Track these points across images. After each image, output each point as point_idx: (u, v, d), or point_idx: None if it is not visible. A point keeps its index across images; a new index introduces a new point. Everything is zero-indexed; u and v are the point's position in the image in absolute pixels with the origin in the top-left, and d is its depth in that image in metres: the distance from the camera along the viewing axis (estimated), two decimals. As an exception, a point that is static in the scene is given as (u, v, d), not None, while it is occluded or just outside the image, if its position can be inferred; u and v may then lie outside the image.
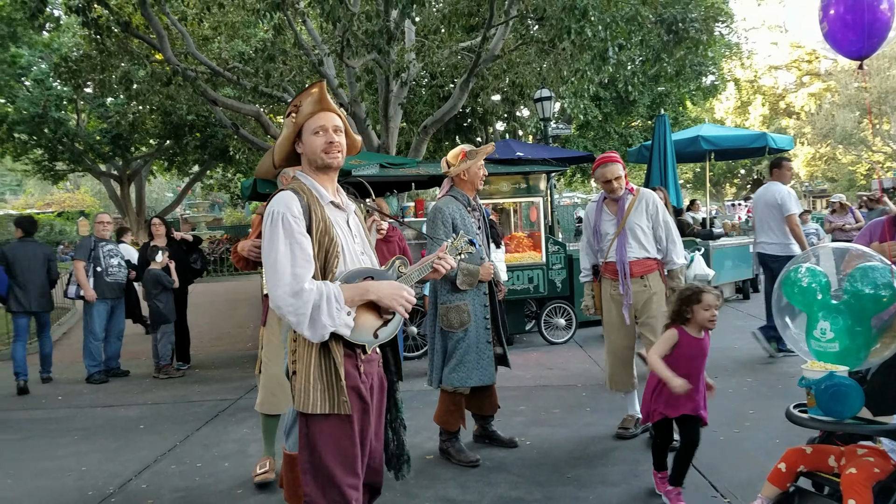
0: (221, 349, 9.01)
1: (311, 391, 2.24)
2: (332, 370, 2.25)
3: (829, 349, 2.75)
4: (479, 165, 4.24)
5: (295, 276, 2.19)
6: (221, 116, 13.21)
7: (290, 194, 2.29)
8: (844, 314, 2.72)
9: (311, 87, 2.36)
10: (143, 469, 4.45)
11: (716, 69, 19.13)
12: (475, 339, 4.16)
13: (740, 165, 37.87)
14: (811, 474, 2.80)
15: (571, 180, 25.27)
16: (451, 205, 4.19)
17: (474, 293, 4.18)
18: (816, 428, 2.81)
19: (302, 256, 2.22)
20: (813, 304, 2.83)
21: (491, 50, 10.24)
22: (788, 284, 2.94)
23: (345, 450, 2.27)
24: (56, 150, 21.29)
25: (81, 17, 9.63)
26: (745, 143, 11.82)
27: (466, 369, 4.13)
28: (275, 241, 2.22)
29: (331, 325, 2.19)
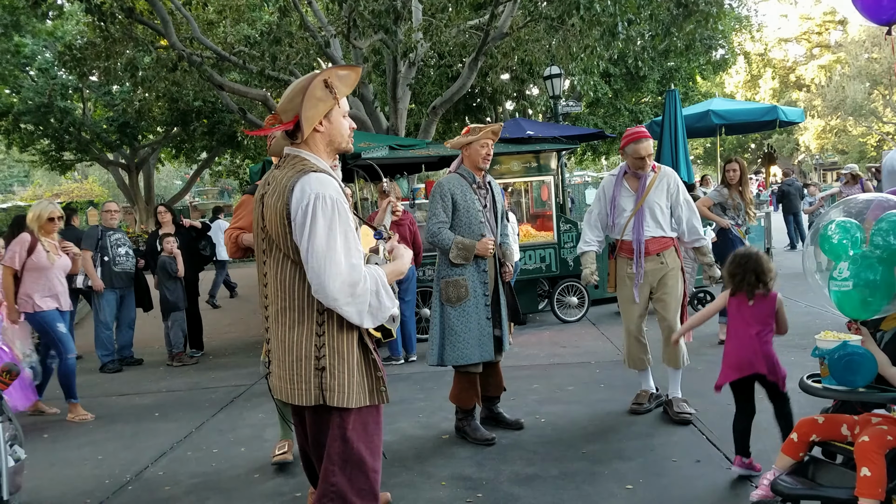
0: (235, 335, 9.03)
1: (354, 385, 2.18)
2: (370, 361, 2.23)
3: (842, 287, 2.73)
4: (481, 143, 4.14)
5: (353, 267, 2.07)
6: (228, 101, 13.16)
7: (328, 178, 2.14)
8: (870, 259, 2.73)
9: (348, 69, 2.26)
10: (160, 456, 4.46)
11: (726, 43, 18.89)
12: (475, 316, 4.12)
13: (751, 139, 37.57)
14: (824, 443, 2.81)
15: (582, 158, 25.11)
16: (454, 181, 4.17)
17: (473, 269, 4.14)
18: (830, 397, 2.81)
19: (355, 245, 2.12)
20: (843, 256, 2.81)
21: (499, 28, 10.12)
22: (823, 240, 2.90)
23: (373, 438, 2.26)
24: (63, 140, 21.30)
25: (85, 3, 9.60)
26: (756, 116, 11.70)
27: (469, 346, 4.11)
28: (332, 230, 2.05)
29: (391, 306, 2.17)
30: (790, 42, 43.54)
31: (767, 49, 41.29)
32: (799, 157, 44.26)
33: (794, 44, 43.61)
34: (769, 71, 41.56)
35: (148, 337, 8.65)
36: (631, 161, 4.45)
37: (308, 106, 2.15)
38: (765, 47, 40.66)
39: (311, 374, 2.14)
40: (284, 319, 2.17)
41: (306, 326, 2.14)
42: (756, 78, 41.54)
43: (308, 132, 2.19)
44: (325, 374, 2.14)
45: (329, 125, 2.23)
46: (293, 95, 2.18)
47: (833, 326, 3.19)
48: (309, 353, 2.14)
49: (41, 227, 5.53)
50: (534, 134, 8.62)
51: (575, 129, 12.29)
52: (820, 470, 2.82)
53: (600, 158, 26.81)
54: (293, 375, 2.16)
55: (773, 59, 42.01)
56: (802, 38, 42.87)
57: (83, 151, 22.42)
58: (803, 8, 44.12)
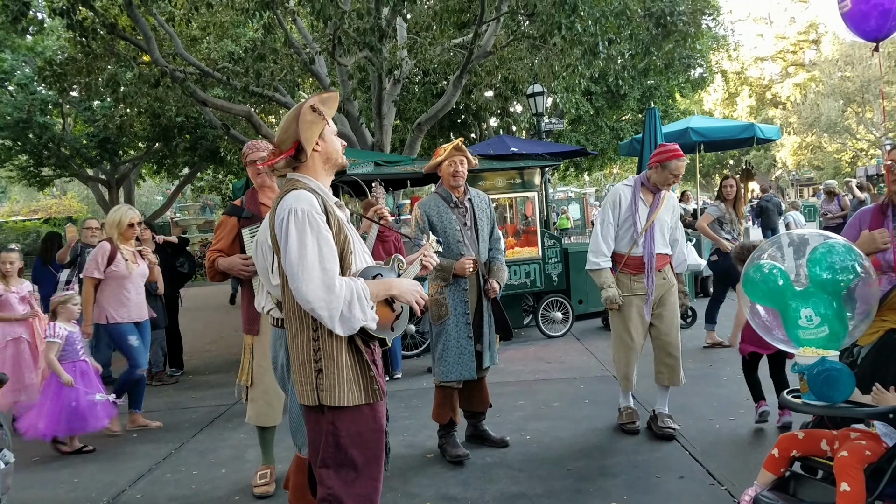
0: (215, 353, 8.94)
1: (346, 384, 2.30)
2: (363, 362, 2.35)
3: (819, 335, 2.76)
4: (448, 163, 4.17)
5: (325, 272, 2.21)
6: (211, 117, 13.11)
7: (307, 193, 2.30)
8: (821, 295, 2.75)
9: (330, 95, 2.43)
10: (138, 478, 4.39)
11: (704, 62, 19.20)
12: (455, 334, 4.16)
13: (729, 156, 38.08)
14: (805, 459, 2.85)
15: (565, 174, 25.31)
16: (431, 202, 4.24)
17: (453, 287, 4.17)
18: (809, 413, 2.86)
19: (330, 253, 2.25)
20: (780, 296, 2.83)
21: (483, 46, 10.21)
22: (749, 283, 2.94)
23: (369, 442, 2.34)
24: (41, 156, 21.06)
25: (66, 19, 9.50)
26: (734, 133, 11.85)
27: (447, 364, 4.16)
28: (303, 239, 2.22)
29: (362, 319, 2.25)
30: (766, 61, 44.37)
31: (744, 67, 42.05)
32: (776, 172, 44.92)
33: (770, 62, 44.43)
34: (746, 89, 42.28)
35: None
36: (664, 177, 4.35)
37: (304, 128, 2.34)
38: (742, 66, 41.40)
39: (311, 375, 2.32)
40: (290, 327, 2.38)
41: (305, 333, 2.33)
42: (733, 96, 42.23)
43: (310, 150, 2.38)
44: (321, 376, 2.31)
45: (324, 144, 2.42)
46: (287, 125, 2.36)
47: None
48: (309, 358, 2.32)
49: (121, 233, 5.42)
50: (517, 151, 8.68)
51: (558, 146, 12.38)
52: (801, 485, 2.85)
53: (582, 174, 27.04)
54: (299, 378, 2.35)
55: (749, 78, 42.76)
56: (778, 56, 43.71)
57: (62, 167, 22.18)
58: (778, 27, 45.02)
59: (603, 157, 20.52)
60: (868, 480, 2.51)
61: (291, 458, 3.54)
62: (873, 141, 34.06)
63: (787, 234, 3.15)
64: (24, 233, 33.35)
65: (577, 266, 8.49)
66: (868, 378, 2.79)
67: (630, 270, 4.44)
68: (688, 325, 7.80)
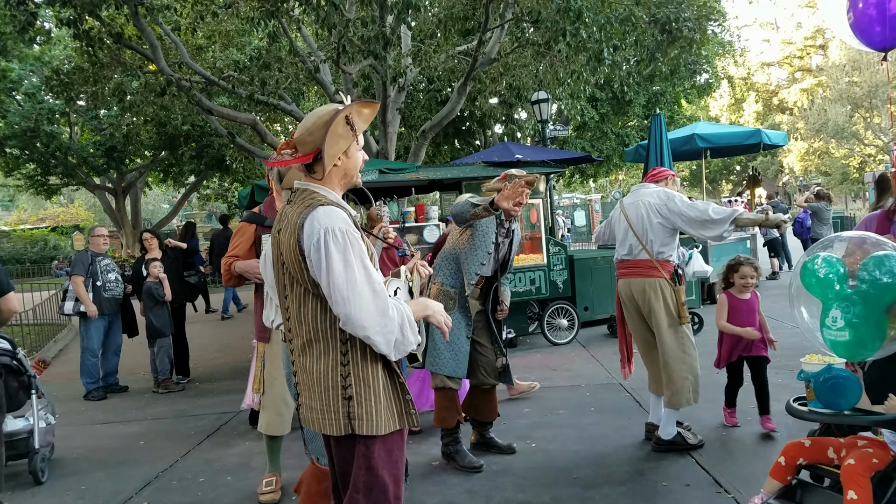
0: (222, 361, 8.94)
1: (383, 411, 2.17)
2: (398, 385, 2.23)
3: (839, 338, 2.69)
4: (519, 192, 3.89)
5: (377, 295, 2.08)
6: (217, 126, 13.17)
7: (338, 210, 2.15)
8: (858, 303, 2.66)
9: (368, 105, 2.28)
10: (145, 485, 4.39)
11: (709, 67, 19.18)
12: (455, 330, 4.13)
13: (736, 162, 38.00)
14: (811, 467, 2.83)
15: (570, 181, 25.28)
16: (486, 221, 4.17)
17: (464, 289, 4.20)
18: (816, 420, 2.84)
19: (375, 273, 2.13)
20: (828, 293, 2.76)
21: (487, 53, 10.23)
22: (806, 274, 2.86)
23: (397, 464, 2.25)
24: (49, 165, 21.22)
25: (73, 29, 9.58)
26: (740, 139, 11.85)
27: (442, 357, 4.13)
28: (348, 260, 2.06)
29: (415, 342, 2.16)
30: (773, 66, 44.29)
31: (750, 73, 42.00)
32: (783, 178, 44.78)
33: (777, 68, 44.36)
34: (752, 94, 42.21)
35: (133, 363, 8.54)
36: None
37: (331, 143, 2.17)
38: (748, 71, 41.35)
39: (339, 403, 2.14)
40: (311, 351, 2.18)
41: (331, 357, 2.15)
42: (740, 101, 42.18)
43: (329, 168, 2.20)
44: (353, 403, 2.14)
45: (346, 160, 2.25)
46: (314, 129, 2.17)
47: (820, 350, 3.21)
48: (336, 383, 2.14)
49: None
50: (522, 158, 8.69)
51: (563, 153, 12.40)
52: (807, 493, 2.83)
53: (588, 181, 27.01)
54: (322, 406, 2.16)
55: (756, 83, 42.70)
56: (784, 62, 43.62)
57: (69, 176, 22.34)
58: (785, 33, 44.94)
59: (608, 164, 20.49)
60: (875, 489, 2.50)
61: (297, 465, 3.54)
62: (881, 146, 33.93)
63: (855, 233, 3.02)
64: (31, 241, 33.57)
65: (582, 273, 8.48)
66: (876, 385, 2.76)
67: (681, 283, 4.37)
68: (695, 332, 7.77)
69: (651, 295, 4.21)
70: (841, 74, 33.45)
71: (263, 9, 8.97)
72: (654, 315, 4.22)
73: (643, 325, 4.39)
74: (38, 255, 30.77)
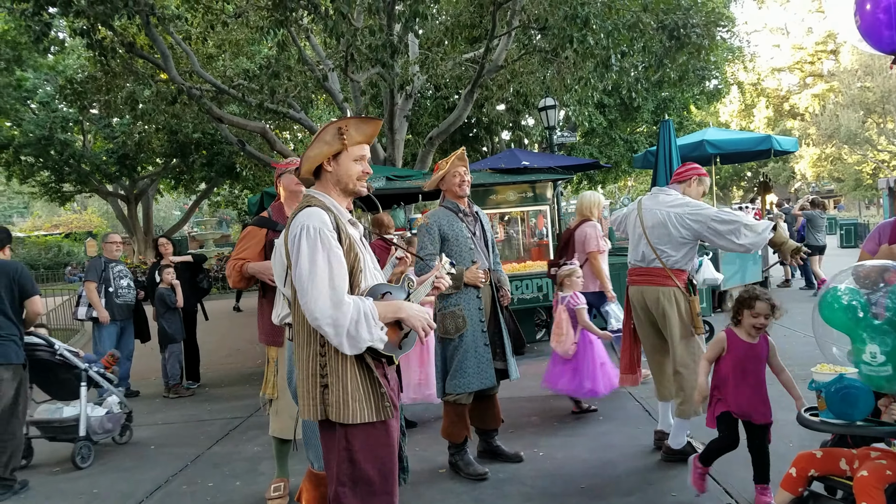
0: (231, 366, 9.00)
1: (351, 402, 2.29)
2: (373, 379, 2.34)
3: (881, 373, 2.61)
4: (452, 173, 4.14)
5: (335, 289, 2.23)
6: (227, 134, 13.28)
7: (320, 211, 2.33)
8: (892, 334, 2.58)
9: (368, 121, 2.43)
10: (155, 490, 4.43)
11: (719, 73, 19.12)
12: (472, 344, 4.09)
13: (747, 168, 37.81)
14: (823, 478, 2.78)
15: (578, 187, 25.25)
16: (439, 214, 4.17)
17: (468, 297, 4.11)
18: (827, 431, 2.81)
19: (340, 270, 2.27)
20: (855, 325, 2.68)
21: (494, 60, 10.28)
22: (826, 307, 2.78)
23: (383, 458, 2.34)
24: (63, 172, 21.45)
25: (86, 39, 9.71)
26: (751, 145, 11.81)
27: (467, 375, 4.08)
28: (314, 256, 2.25)
29: (369, 339, 2.25)
30: (783, 71, 44.12)
31: (761, 79, 41.81)
32: (795, 184, 44.54)
33: (788, 73, 44.18)
34: (763, 100, 42.01)
35: (145, 368, 8.60)
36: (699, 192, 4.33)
37: (313, 146, 2.39)
38: (758, 77, 41.17)
39: (316, 390, 2.32)
40: (298, 340, 2.38)
41: (312, 347, 2.33)
42: (750, 107, 41.99)
43: (305, 168, 2.43)
44: (328, 392, 2.30)
45: (336, 166, 2.43)
46: (313, 139, 2.41)
47: (830, 359, 3.19)
48: (315, 371, 2.32)
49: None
50: (529, 164, 8.70)
51: (570, 160, 12.40)
52: (819, 506, 2.79)
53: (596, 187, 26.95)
54: (304, 392, 2.35)
55: (766, 89, 42.49)
56: (795, 67, 43.44)
57: (83, 183, 22.55)
58: (795, 38, 44.79)
59: (617, 170, 20.46)
60: (889, 501, 2.46)
61: (305, 471, 3.56)
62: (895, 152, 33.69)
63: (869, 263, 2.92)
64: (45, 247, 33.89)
65: (590, 279, 8.44)
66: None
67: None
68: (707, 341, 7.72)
69: (665, 304, 4.16)
70: (853, 79, 33.27)
71: (273, 18, 9.06)
72: (669, 324, 4.16)
73: (654, 332, 4.35)
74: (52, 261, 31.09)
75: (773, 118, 41.57)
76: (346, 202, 2.50)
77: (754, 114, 42.13)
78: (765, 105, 42.04)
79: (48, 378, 5.24)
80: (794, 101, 42.31)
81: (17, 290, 4.66)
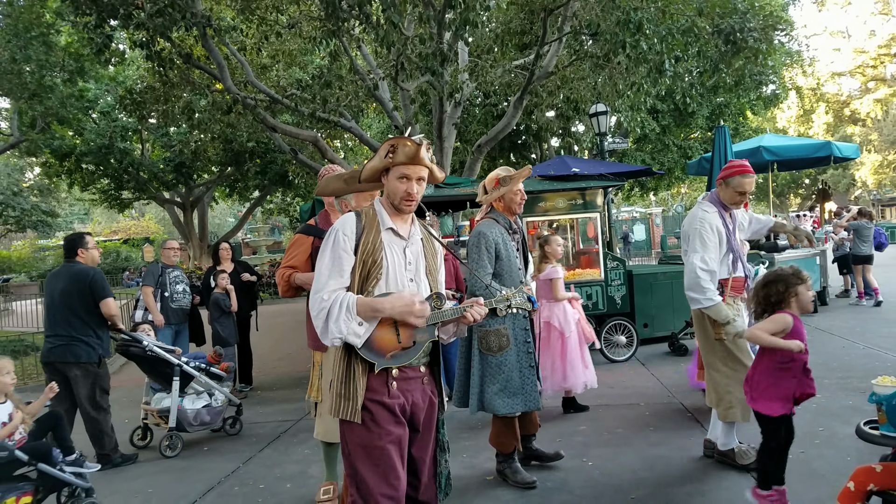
0: (283, 371, 9.14)
1: (336, 398, 2.44)
2: (352, 381, 2.42)
3: None
4: (514, 191, 4.11)
5: (324, 286, 2.40)
6: (280, 142, 13.55)
7: (351, 216, 2.52)
8: None
9: (410, 142, 2.47)
10: (208, 490, 4.52)
11: (776, 78, 18.65)
12: (517, 364, 4.06)
13: (805, 175, 36.73)
14: (883, 493, 2.70)
15: (630, 194, 24.93)
16: (494, 228, 4.09)
17: (513, 317, 4.06)
18: (888, 445, 2.73)
19: (337, 270, 2.43)
20: None
21: (544, 67, 10.23)
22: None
23: (376, 459, 2.39)
24: (122, 180, 22.20)
25: (145, 50, 10.04)
26: (809, 152, 11.47)
27: (511, 395, 4.04)
28: (324, 253, 2.48)
29: (337, 331, 2.35)
30: (844, 76, 42.75)
31: (820, 84, 40.60)
32: (856, 192, 43.03)
33: (848, 77, 42.79)
34: (822, 105, 40.80)
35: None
36: (730, 194, 4.12)
37: (373, 158, 2.56)
38: (817, 82, 40.00)
39: (329, 387, 2.50)
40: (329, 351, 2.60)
41: (332, 357, 2.52)
42: (809, 113, 40.83)
43: (364, 177, 2.59)
44: (331, 388, 2.48)
45: (386, 181, 2.55)
46: None
47: (892, 371, 3.07)
48: (331, 370, 2.50)
49: None
50: (579, 171, 8.61)
51: (622, 166, 12.22)
52: (880, 521, 2.70)
53: (648, 194, 26.56)
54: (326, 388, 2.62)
55: (826, 94, 41.25)
56: (857, 71, 42.04)
57: (141, 190, 23.31)
58: (857, 41, 43.37)
59: (670, 177, 20.12)
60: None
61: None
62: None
63: None
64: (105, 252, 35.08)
65: (641, 289, 8.32)
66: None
67: (735, 293, 4.16)
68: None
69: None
70: (918, 83, 32.01)
71: (325, 28, 9.22)
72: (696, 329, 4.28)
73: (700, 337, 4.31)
74: (111, 266, 32.13)
75: (833, 124, 40.32)
76: (400, 217, 2.56)
77: (813, 119, 40.94)
78: (824, 110, 40.82)
79: (153, 371, 5.66)
80: (855, 106, 40.95)
81: (91, 293, 5.15)
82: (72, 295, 5.16)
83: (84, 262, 5.38)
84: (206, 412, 5.68)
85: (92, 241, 5.65)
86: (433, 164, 2.56)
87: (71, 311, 5.15)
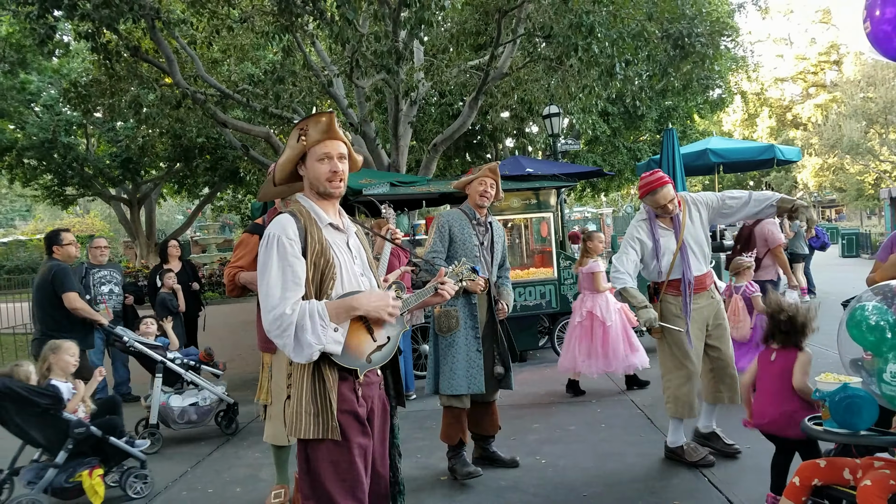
0: (231, 372, 8.94)
1: (304, 416, 2.20)
2: (324, 394, 2.22)
3: None
4: (479, 181, 4.29)
5: (282, 300, 2.16)
6: (231, 138, 13.29)
7: (287, 217, 2.29)
8: None
9: (319, 115, 2.32)
10: (155, 496, 4.40)
11: (722, 82, 19.13)
12: (465, 347, 4.15)
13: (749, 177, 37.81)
14: (827, 488, 2.77)
15: (581, 195, 25.26)
16: (454, 215, 4.30)
17: (464, 301, 4.18)
18: (831, 440, 2.81)
19: (292, 279, 2.20)
20: (881, 344, 2.63)
21: (499, 68, 10.28)
22: (854, 325, 2.73)
23: (343, 474, 2.24)
24: (66, 175, 21.45)
25: (91, 42, 9.72)
26: (754, 155, 11.79)
27: (456, 377, 4.13)
28: (268, 264, 2.21)
29: (316, 342, 2.15)
30: (786, 81, 44.17)
31: (764, 88, 41.86)
32: (797, 194, 44.51)
33: (791, 83, 44.24)
34: (766, 110, 42.08)
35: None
36: (656, 209, 4.23)
37: (283, 152, 2.39)
38: (761, 87, 41.23)
39: (284, 403, 2.29)
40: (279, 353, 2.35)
41: (283, 359, 2.35)
42: (753, 117, 42.03)
43: (278, 177, 2.41)
44: (288, 403, 2.27)
45: (305, 169, 2.37)
46: None
47: (834, 368, 3.17)
48: (284, 381, 2.33)
49: None
50: (533, 171, 8.69)
51: (574, 167, 12.39)
52: (822, 515, 2.78)
53: (599, 195, 26.96)
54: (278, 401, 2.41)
55: (769, 99, 42.55)
56: (798, 77, 43.49)
57: (86, 186, 22.56)
58: (799, 48, 44.89)
59: (620, 178, 20.47)
60: (892, 510, 2.44)
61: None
62: (897, 162, 33.69)
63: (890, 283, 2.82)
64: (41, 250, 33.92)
65: (593, 287, 8.42)
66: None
67: (673, 293, 4.24)
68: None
69: None
70: (856, 90, 33.28)
71: (278, 23, 9.07)
72: None
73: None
74: (54, 265, 30.96)
75: (776, 128, 41.59)
76: (330, 204, 2.41)
77: (757, 123, 42.17)
78: (768, 115, 42.09)
79: (147, 366, 5.67)
80: (797, 111, 42.34)
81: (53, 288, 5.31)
82: (41, 290, 5.35)
83: (59, 259, 5.46)
84: (193, 410, 5.59)
85: (68, 237, 5.62)
86: (349, 143, 2.41)
87: (41, 307, 5.37)
